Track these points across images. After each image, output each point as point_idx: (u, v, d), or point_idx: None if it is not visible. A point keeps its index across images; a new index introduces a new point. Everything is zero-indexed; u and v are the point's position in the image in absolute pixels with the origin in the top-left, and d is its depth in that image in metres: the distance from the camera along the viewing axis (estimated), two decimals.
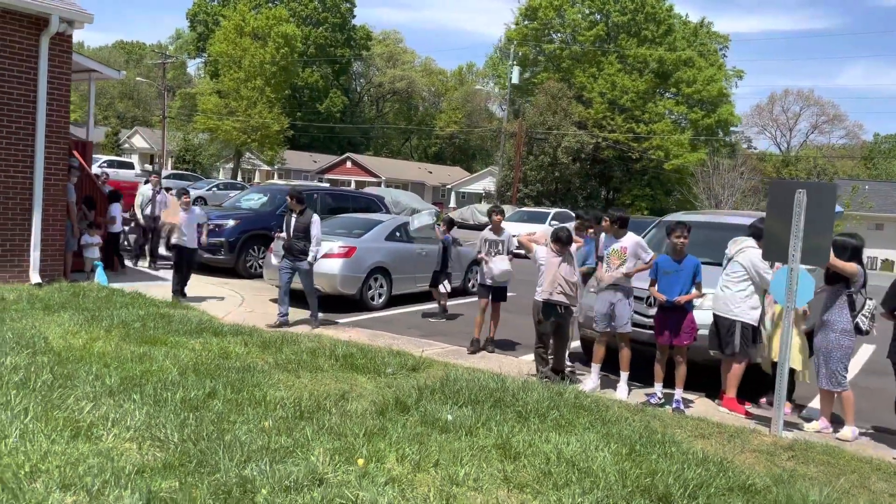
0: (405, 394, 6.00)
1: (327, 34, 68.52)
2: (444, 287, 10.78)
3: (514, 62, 47.65)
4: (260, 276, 12.77)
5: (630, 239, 7.16)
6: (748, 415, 6.58)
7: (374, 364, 7.09)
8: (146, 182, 14.29)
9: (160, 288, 10.99)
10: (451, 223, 11.40)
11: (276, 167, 56.17)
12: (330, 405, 5.61)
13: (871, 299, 6.24)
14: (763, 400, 7.05)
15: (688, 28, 53.33)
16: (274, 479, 4.04)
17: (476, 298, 12.15)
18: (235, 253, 13.21)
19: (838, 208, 6.87)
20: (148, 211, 13.43)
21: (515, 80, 46.63)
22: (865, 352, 10.08)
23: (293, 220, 9.45)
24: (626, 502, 4.17)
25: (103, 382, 5.63)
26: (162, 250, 13.44)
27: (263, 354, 7.24)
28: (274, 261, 11.26)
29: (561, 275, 7.13)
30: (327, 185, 40.62)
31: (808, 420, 6.58)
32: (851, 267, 6.07)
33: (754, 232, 6.64)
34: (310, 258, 9.33)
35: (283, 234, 9.59)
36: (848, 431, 6.12)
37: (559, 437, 5.16)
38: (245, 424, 4.97)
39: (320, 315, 9.65)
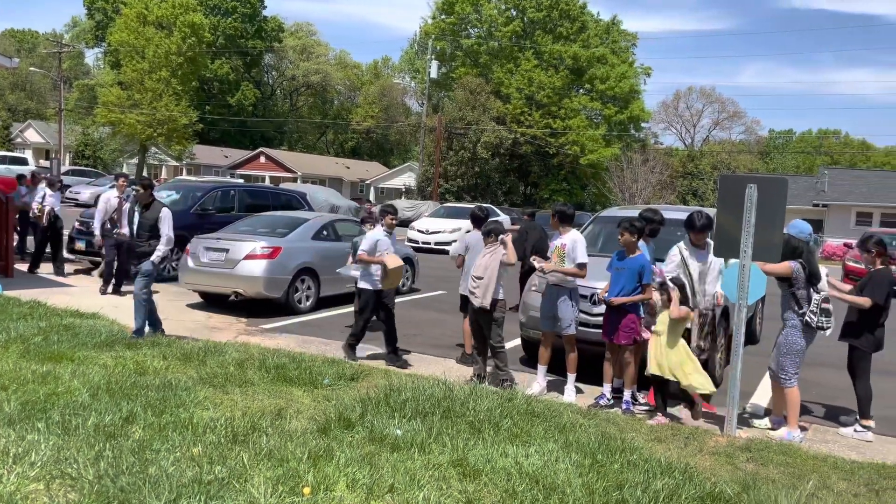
0: (347, 408, 5.55)
1: (237, 25, 66.16)
2: None
3: (432, 57, 47.40)
4: (175, 280, 11.92)
5: (570, 236, 6.89)
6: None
7: (310, 375, 6.59)
8: (111, 187, 11.70)
9: (64, 295, 10.04)
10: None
11: (184, 162, 53.83)
12: (266, 425, 5.10)
13: (818, 293, 6.09)
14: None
15: (600, 26, 54.51)
16: None
17: (411, 296, 11.79)
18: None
19: None
20: (124, 229, 10.16)
21: (434, 74, 46.39)
22: None
23: (137, 214, 8.08)
24: None
25: (0, 409, 4.92)
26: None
27: (185, 368, 6.61)
28: (190, 263, 10.51)
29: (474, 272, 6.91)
30: (241, 180, 39.18)
31: (757, 417, 6.55)
32: (782, 267, 5.97)
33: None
34: (154, 257, 7.84)
35: (125, 231, 8.75)
36: (783, 431, 6.00)
37: (517, 450, 4.85)
38: (171, 453, 4.41)
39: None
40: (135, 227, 8.08)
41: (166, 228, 7.89)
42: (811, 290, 6.00)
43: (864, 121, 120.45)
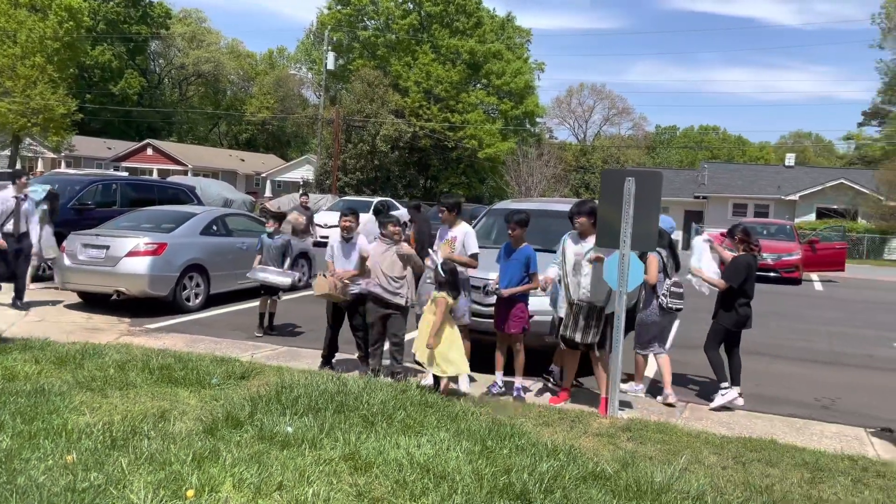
0: (236, 407, 5.41)
1: (120, 9, 62.67)
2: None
3: (329, 48, 46.69)
4: (51, 279, 11.21)
5: (461, 229, 6.99)
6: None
7: (197, 374, 6.38)
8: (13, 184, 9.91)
9: None
10: (280, 217, 9.95)
11: (63, 154, 50.46)
12: (148, 428, 4.90)
13: (670, 278, 6.85)
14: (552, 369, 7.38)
15: (495, 21, 55.33)
16: None
17: (307, 291, 11.56)
18: None
19: None
20: (9, 227, 9.45)
21: (331, 65, 45.71)
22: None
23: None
24: None
25: None
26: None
27: (60, 372, 6.25)
28: (67, 261, 9.92)
29: (381, 268, 6.86)
30: (125, 173, 37.21)
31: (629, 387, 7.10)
32: (654, 264, 6.72)
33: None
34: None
35: (33, 238, 8.32)
36: (628, 387, 6.94)
37: (409, 441, 4.89)
38: (42, 462, 4.16)
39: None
40: (35, 230, 7.70)
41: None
42: (666, 277, 6.79)
43: (741, 118, 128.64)
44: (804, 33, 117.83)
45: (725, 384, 6.69)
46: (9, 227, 9.41)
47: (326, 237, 13.56)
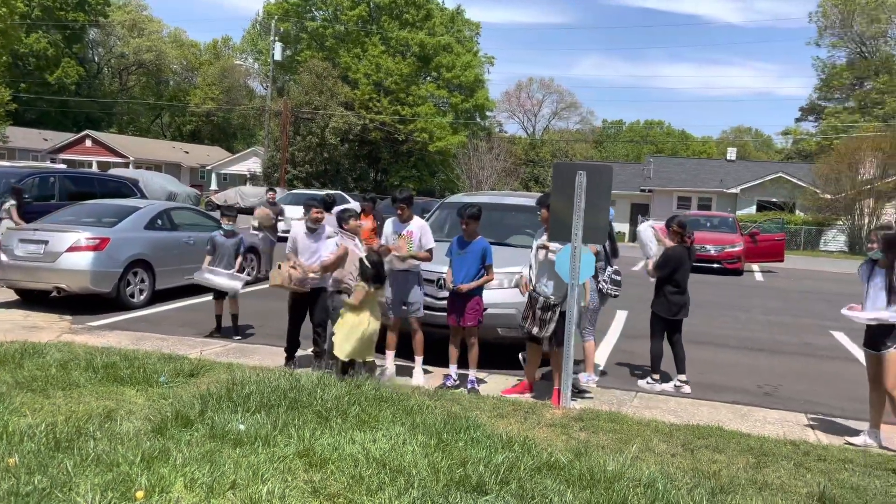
0: (186, 405, 5.29)
1: None
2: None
3: (276, 38, 45.87)
4: None
5: (417, 223, 7.00)
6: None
7: (144, 373, 6.21)
8: None
9: None
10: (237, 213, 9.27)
11: None
12: (93, 428, 4.75)
13: (611, 266, 7.25)
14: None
15: (445, 14, 55.29)
16: None
17: (258, 286, 11.37)
18: None
19: None
20: None
21: (278, 56, 44.94)
22: (621, 317, 11.08)
23: None
24: (444, 498, 4.00)
25: None
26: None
27: None
28: (3, 257, 9.53)
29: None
30: (63, 166, 35.92)
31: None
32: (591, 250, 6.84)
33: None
34: None
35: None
36: (582, 376, 7.04)
37: (365, 436, 4.87)
38: None
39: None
40: None
41: None
42: (607, 264, 7.09)
43: (684, 113, 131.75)
44: (745, 31, 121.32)
45: (656, 376, 7.13)
46: None
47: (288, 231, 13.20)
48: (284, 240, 9.45)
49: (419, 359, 6.98)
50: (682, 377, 7.07)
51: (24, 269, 9.37)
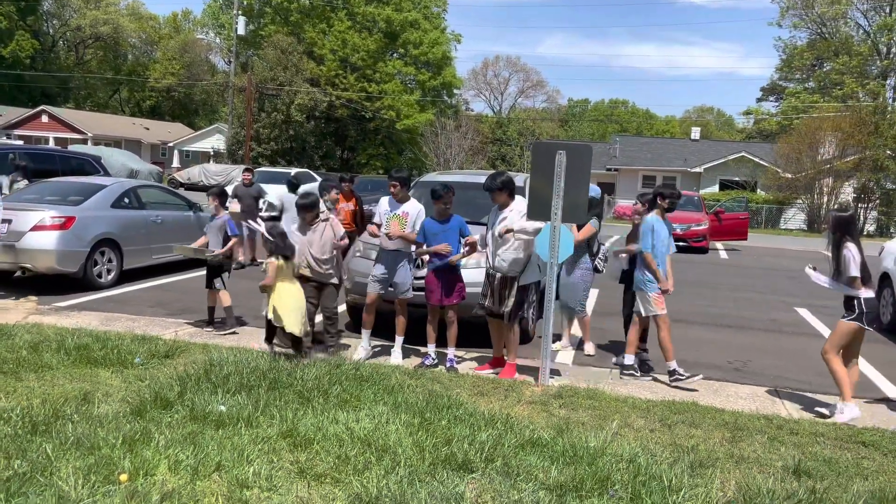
0: (164, 387, 5.23)
1: None
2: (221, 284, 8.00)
3: (239, 12, 44.85)
4: None
5: (412, 205, 6.92)
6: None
7: (118, 354, 6.11)
8: None
9: None
10: (222, 194, 8.39)
11: None
12: (71, 411, 4.68)
13: (604, 244, 7.77)
14: None
15: None
16: None
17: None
18: None
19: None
20: None
21: (241, 31, 43.95)
22: (592, 295, 11.19)
23: None
24: (431, 476, 4.03)
25: None
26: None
27: None
28: None
29: (308, 252, 6.79)
30: (20, 142, 34.83)
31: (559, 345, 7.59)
32: (589, 230, 7.32)
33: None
34: None
35: None
36: (590, 347, 7.68)
37: (348, 416, 4.87)
38: None
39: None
40: None
41: None
42: (600, 243, 7.49)
43: (648, 92, 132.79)
44: (708, 10, 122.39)
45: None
46: None
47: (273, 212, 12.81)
48: (275, 219, 9.26)
49: (399, 339, 6.95)
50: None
51: None
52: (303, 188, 11.18)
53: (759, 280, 14.73)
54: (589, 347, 7.75)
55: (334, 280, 6.94)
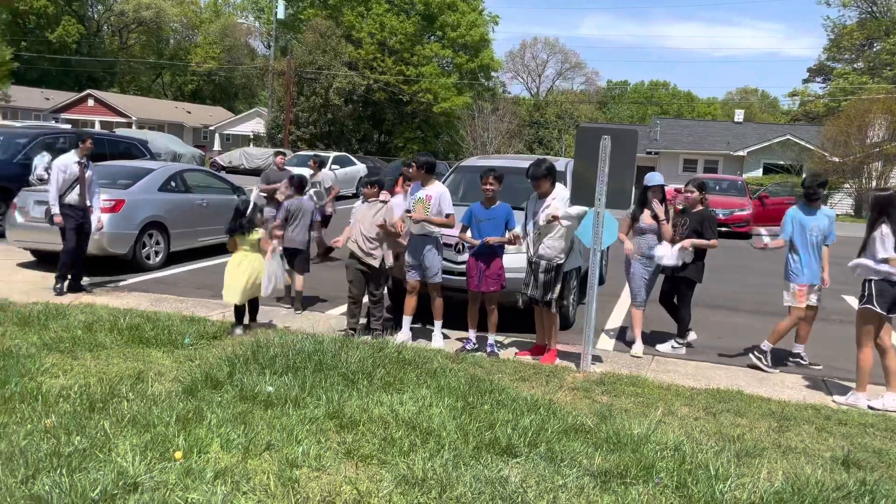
0: (214, 367, 5.37)
1: None
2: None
3: None
4: (2, 237, 10.80)
5: (435, 188, 6.92)
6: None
7: (168, 335, 6.28)
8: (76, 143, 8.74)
9: None
10: (300, 184, 8.61)
11: None
12: (126, 390, 4.83)
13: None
14: None
15: None
16: (76, 493, 3.33)
17: None
18: None
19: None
20: (73, 197, 8.21)
21: (281, 14, 44.28)
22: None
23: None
24: (475, 459, 4.07)
25: None
26: None
27: (24, 333, 6.08)
28: (20, 218, 9.54)
29: (359, 228, 6.90)
30: (67, 126, 35.73)
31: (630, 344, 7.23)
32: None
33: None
34: None
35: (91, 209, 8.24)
36: (638, 347, 7.09)
37: (392, 398, 4.94)
38: (22, 426, 4.07)
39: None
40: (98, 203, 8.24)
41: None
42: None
43: (690, 73, 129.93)
44: None
45: (682, 340, 7.24)
46: (73, 197, 8.18)
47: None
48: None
49: (438, 324, 7.01)
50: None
51: (41, 231, 9.37)
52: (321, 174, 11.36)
53: None
54: (637, 347, 7.10)
55: (375, 262, 6.96)
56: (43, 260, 10.00)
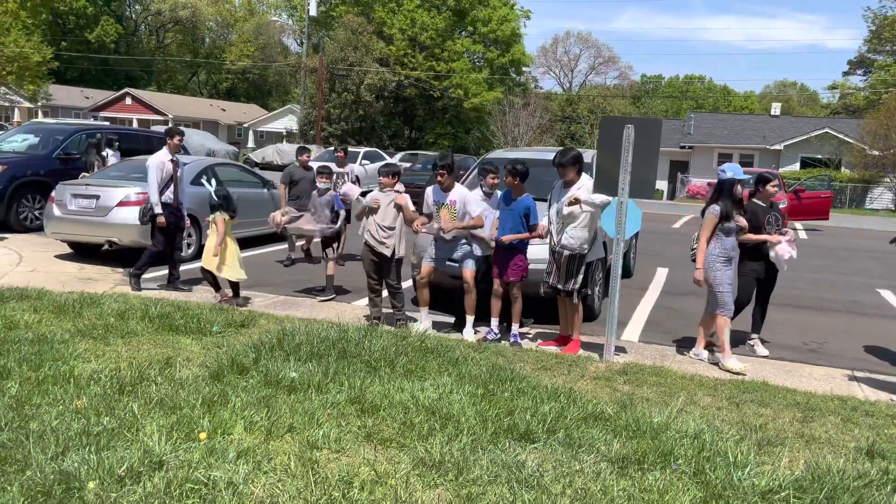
0: (240, 353, 5.47)
1: None
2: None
3: None
4: (38, 230, 11.12)
5: (458, 192, 6.87)
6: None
7: (197, 323, 6.42)
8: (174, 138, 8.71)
9: None
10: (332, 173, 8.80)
11: (40, 104, 49.29)
12: (154, 374, 4.96)
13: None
14: None
15: None
16: (103, 470, 3.44)
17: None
18: (5, 203, 11.35)
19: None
20: (169, 195, 8.37)
21: (313, 12, 44.64)
22: (661, 274, 11.03)
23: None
24: (493, 444, 4.11)
25: None
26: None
27: (60, 321, 6.26)
28: (57, 211, 9.82)
29: (373, 217, 6.98)
30: (106, 123, 36.52)
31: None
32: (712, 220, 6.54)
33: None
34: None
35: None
36: (700, 350, 6.67)
37: (413, 385, 4.98)
38: (54, 407, 4.22)
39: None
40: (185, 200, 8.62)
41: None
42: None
43: (726, 67, 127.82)
44: None
45: (754, 336, 7.08)
46: (167, 195, 8.22)
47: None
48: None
49: (470, 319, 6.94)
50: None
51: (77, 223, 9.65)
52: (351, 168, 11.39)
53: (841, 261, 14.13)
54: (700, 351, 6.69)
55: (387, 251, 6.96)
56: (80, 252, 10.28)
